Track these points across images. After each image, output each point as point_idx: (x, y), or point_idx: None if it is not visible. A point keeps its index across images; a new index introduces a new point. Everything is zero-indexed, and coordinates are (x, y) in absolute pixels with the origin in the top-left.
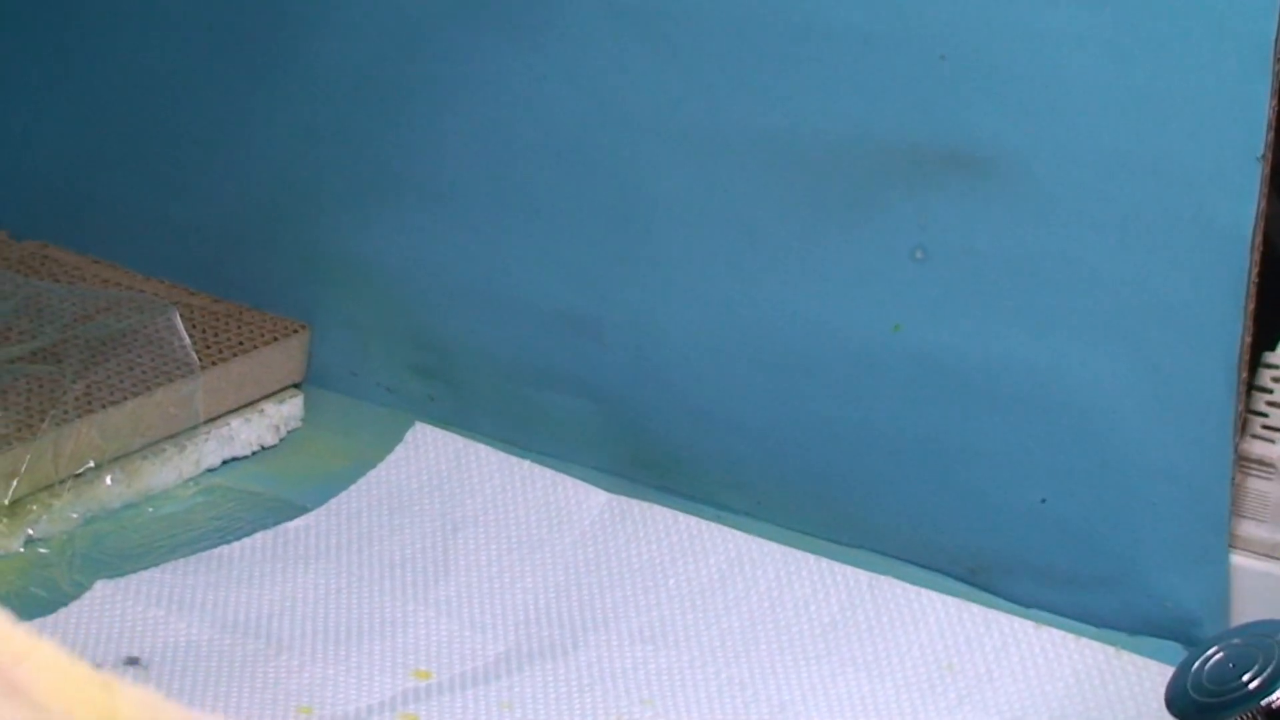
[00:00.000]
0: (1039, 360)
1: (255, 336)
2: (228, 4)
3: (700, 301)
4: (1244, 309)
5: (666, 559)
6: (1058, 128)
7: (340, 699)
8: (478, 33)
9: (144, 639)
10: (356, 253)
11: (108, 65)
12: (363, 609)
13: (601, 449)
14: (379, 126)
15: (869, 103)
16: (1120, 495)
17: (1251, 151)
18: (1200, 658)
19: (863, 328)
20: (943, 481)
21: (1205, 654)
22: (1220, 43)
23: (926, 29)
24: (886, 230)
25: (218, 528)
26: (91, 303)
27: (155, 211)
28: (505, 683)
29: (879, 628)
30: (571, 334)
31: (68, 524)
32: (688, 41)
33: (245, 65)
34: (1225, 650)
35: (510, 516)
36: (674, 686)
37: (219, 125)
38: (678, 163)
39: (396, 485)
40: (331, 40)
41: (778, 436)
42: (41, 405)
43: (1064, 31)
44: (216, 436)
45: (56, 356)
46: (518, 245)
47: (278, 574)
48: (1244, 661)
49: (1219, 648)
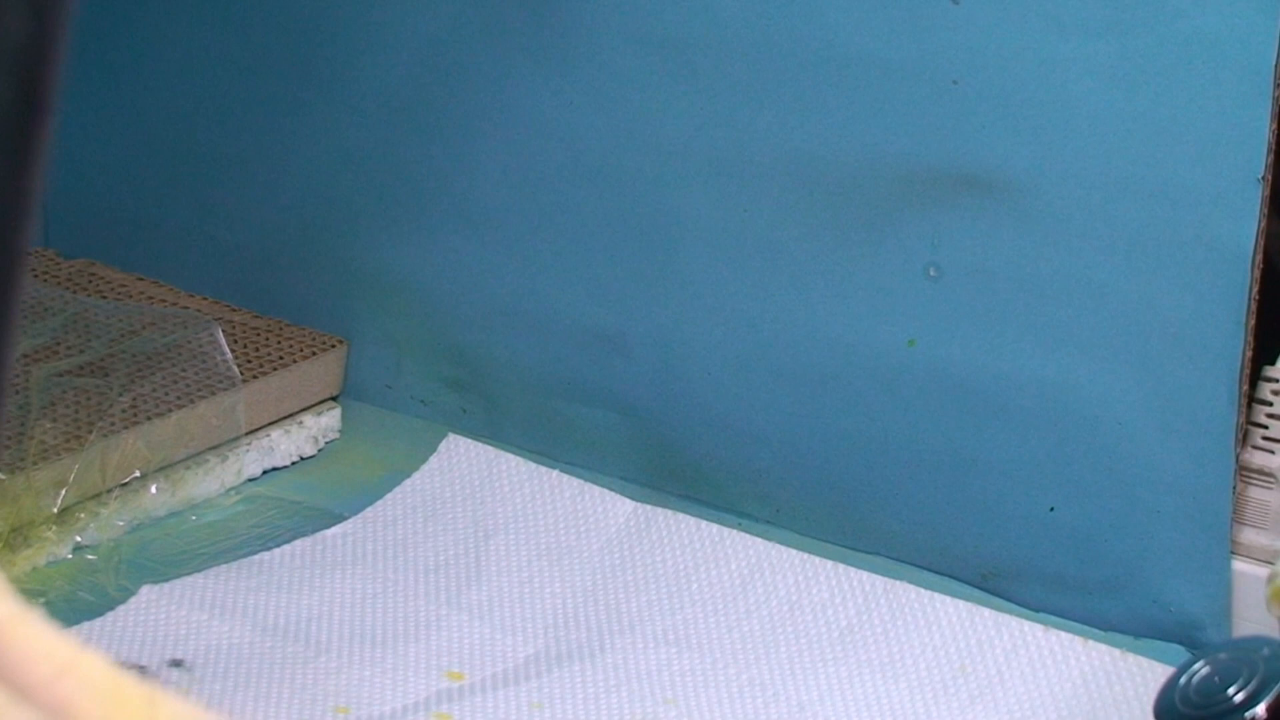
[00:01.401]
0: (1047, 374)
1: (294, 351)
2: (268, 36)
3: (723, 318)
4: (1245, 325)
5: (690, 565)
6: (1066, 151)
7: (376, 699)
8: (509, 60)
9: (188, 642)
10: (392, 271)
11: (154, 92)
12: (398, 613)
13: (628, 460)
14: (414, 150)
15: (885, 127)
16: (1126, 504)
17: (1252, 173)
18: (1187, 671)
19: (878, 343)
20: (955, 491)
21: (1192, 668)
22: (1221, 70)
23: (940, 57)
24: (901, 249)
25: (258, 535)
26: (137, 318)
27: (198, 231)
28: (535, 683)
29: (894, 631)
30: (599, 349)
31: (114, 531)
32: (711, 69)
33: (286, 93)
34: (1212, 664)
35: (540, 524)
36: (697, 687)
37: (260, 149)
38: (702, 185)
39: (430, 494)
40: (368, 68)
41: (797, 447)
42: (89, 417)
43: (1072, 59)
44: (257, 447)
45: (104, 370)
46: (547, 264)
47: (316, 579)
48: (1230, 675)
49: (1205, 662)
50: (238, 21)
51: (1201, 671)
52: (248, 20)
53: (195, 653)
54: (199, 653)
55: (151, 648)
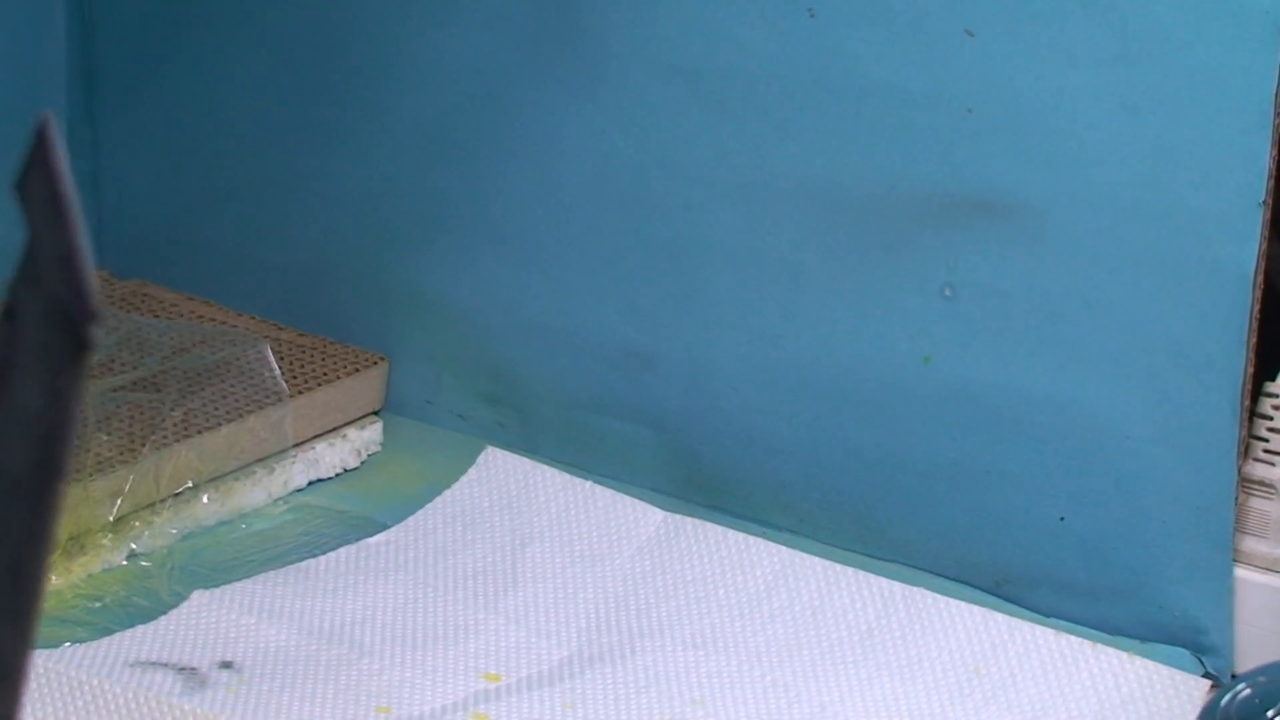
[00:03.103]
0: (1058, 390)
1: (338, 368)
2: (313, 68)
3: (748, 335)
4: (1246, 343)
5: (717, 572)
6: (1075, 177)
7: (416, 700)
8: (543, 89)
9: (237, 644)
10: (431, 290)
11: (204, 122)
12: (437, 617)
13: (657, 472)
14: (452, 176)
15: (902, 154)
16: (1133, 514)
17: (1253, 198)
18: (1229, 693)
19: (896, 360)
20: (970, 501)
21: (1234, 690)
22: (1224, 99)
23: (955, 87)
24: (918, 270)
25: (305, 543)
26: (189, 337)
27: (246, 253)
28: (568, 685)
29: (911, 635)
30: (629, 365)
31: (167, 539)
32: (736, 98)
33: (330, 119)
34: (1253, 687)
35: (574, 532)
36: (723, 688)
37: (305, 174)
38: (727, 208)
39: (469, 504)
40: (409, 98)
41: (819, 460)
42: (143, 431)
43: (1082, 89)
44: (303, 459)
45: (156, 386)
46: (579, 284)
47: (360, 585)
48: (1271, 698)
49: (1247, 684)
50: (285, 54)
51: (1243, 694)
52: (294, 53)
53: (244, 655)
54: (247, 655)
55: (202, 650)
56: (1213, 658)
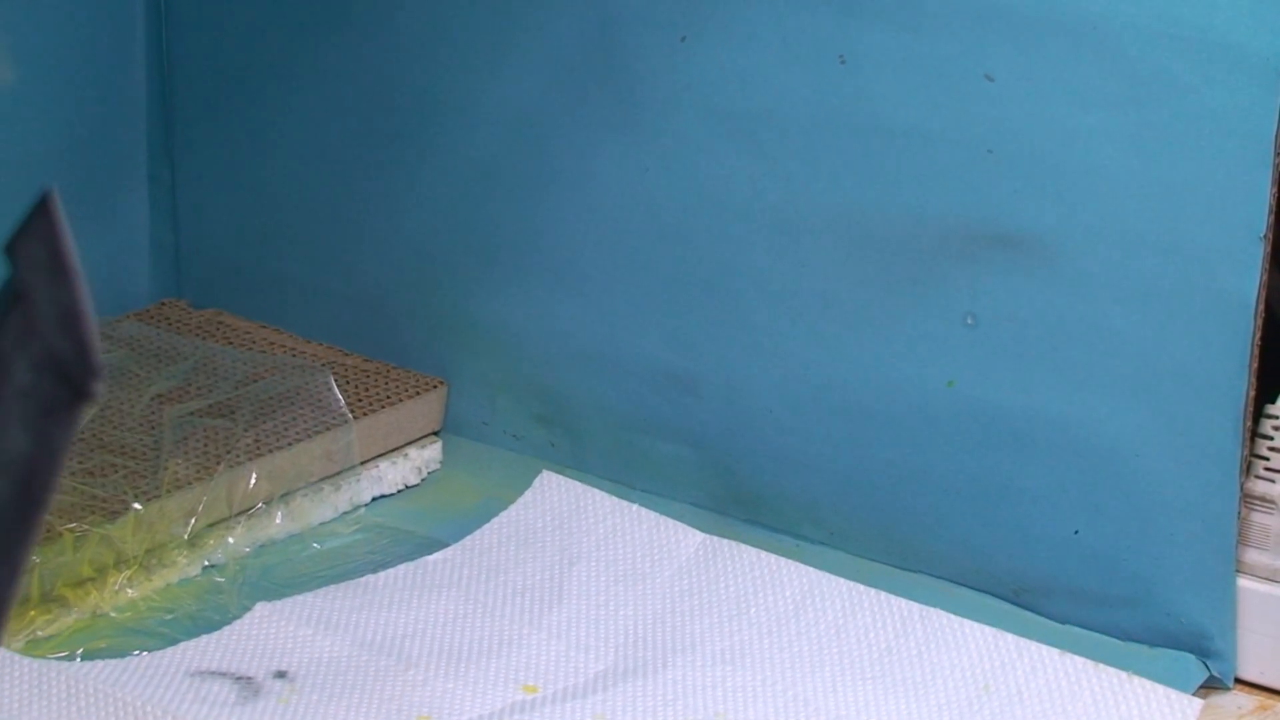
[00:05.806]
0: (1072, 411)
1: (400, 391)
2: (379, 109)
3: (782, 360)
4: (1248, 367)
5: (749, 591)
6: (1088, 212)
7: (456, 709)
8: (589, 129)
9: (293, 654)
10: (487, 319)
11: (277, 160)
12: (484, 631)
13: (698, 488)
14: (508, 211)
15: (927, 191)
16: (1142, 527)
17: (1255, 232)
18: None
19: (921, 383)
20: (990, 515)
21: None
22: (1227, 140)
23: (976, 128)
24: (942, 299)
25: (370, 560)
26: (259, 365)
27: (315, 283)
28: (600, 696)
29: (927, 653)
30: (671, 389)
31: (239, 555)
32: (771, 138)
33: (394, 157)
34: None
35: (618, 553)
36: (746, 701)
37: (370, 208)
38: (763, 241)
39: (524, 524)
40: (463, 137)
41: (849, 477)
42: (217, 452)
43: (1094, 130)
44: (367, 477)
45: (229, 410)
46: (625, 312)
47: (414, 600)
48: None
49: None
50: (348, 99)
51: None
52: (356, 97)
53: (298, 664)
54: (301, 664)
55: (259, 659)
56: (1217, 661)
